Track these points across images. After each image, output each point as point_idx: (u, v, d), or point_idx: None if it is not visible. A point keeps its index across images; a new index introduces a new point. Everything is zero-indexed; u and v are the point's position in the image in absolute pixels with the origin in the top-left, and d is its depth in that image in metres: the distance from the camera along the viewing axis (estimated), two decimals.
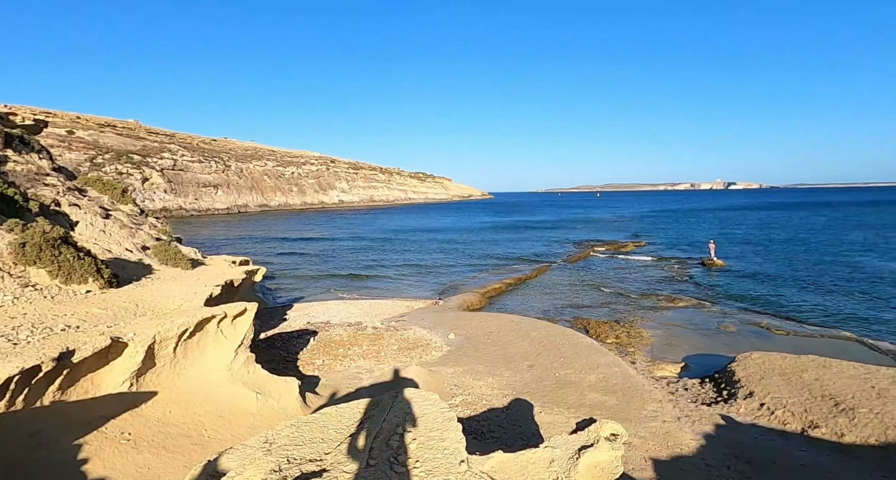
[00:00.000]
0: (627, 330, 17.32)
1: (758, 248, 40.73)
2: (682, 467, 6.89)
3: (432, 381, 9.64)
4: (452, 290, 25.04)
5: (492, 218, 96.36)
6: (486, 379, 10.64)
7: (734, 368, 11.73)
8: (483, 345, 13.60)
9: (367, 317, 17.10)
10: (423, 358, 11.97)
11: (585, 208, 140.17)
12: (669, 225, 70.46)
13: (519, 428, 7.94)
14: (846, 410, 8.90)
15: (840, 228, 58.12)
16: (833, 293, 23.31)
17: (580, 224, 75.16)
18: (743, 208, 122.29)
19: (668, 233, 56.65)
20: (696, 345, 15.79)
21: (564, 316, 19.80)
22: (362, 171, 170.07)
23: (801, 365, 11.31)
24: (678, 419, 8.86)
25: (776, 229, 59.10)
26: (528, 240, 51.52)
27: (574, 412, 8.90)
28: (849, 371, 10.84)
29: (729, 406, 10.10)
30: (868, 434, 8.10)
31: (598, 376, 11.06)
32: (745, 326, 17.98)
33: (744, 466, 7.03)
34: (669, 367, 13.83)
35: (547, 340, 13.92)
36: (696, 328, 17.82)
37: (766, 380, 10.76)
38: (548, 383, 10.61)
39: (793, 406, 9.42)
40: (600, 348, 13.65)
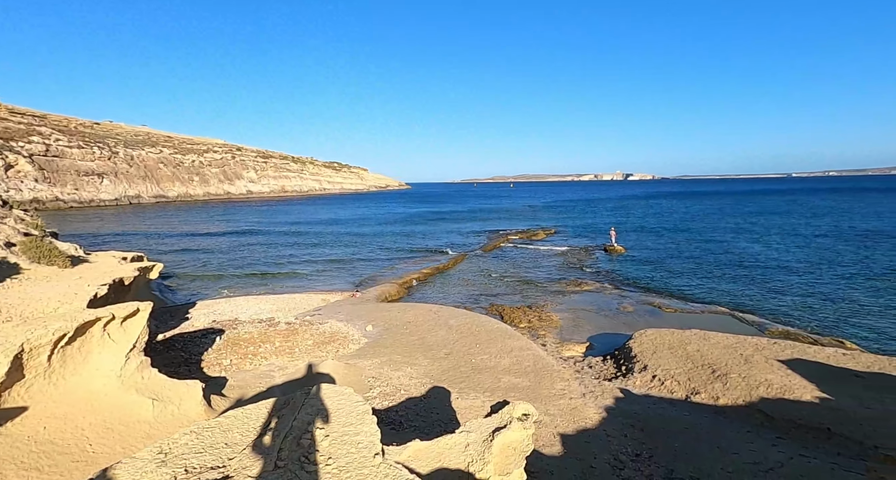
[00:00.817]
0: (538, 315, 18.25)
1: (651, 234, 44.79)
2: (586, 439, 7.42)
3: (350, 374, 9.46)
4: (370, 282, 24.73)
5: (410, 208, 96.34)
6: (405, 368, 10.66)
7: (631, 345, 12.83)
8: (401, 335, 13.60)
9: (280, 313, 16.36)
10: (341, 352, 11.70)
11: (500, 198, 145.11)
12: (576, 213, 75.13)
13: (437, 415, 8.06)
14: (721, 376, 10.11)
15: (718, 215, 65.69)
16: (711, 273, 26.31)
17: (495, 213, 77.64)
18: (639, 197, 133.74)
19: (575, 222, 60.38)
20: (600, 326, 17.04)
21: (480, 304, 20.39)
22: (272, 160, 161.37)
23: (686, 339, 12.66)
24: (583, 395, 9.52)
25: (667, 216, 65.36)
26: (446, 229, 52.28)
27: (490, 395, 9.21)
28: (723, 341, 12.33)
29: (627, 380, 11.04)
30: (737, 396, 9.28)
31: (512, 359, 11.54)
32: (641, 306, 19.71)
33: (638, 433, 7.73)
34: (576, 347, 14.81)
35: (464, 327, 14.24)
36: (599, 310, 19.22)
37: (658, 354, 11.89)
38: (465, 369, 10.87)
39: (679, 376, 10.53)
40: (514, 333, 14.23)
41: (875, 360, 10.81)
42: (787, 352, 11.37)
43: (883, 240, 35.54)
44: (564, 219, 65.53)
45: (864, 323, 16.95)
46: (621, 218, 64.47)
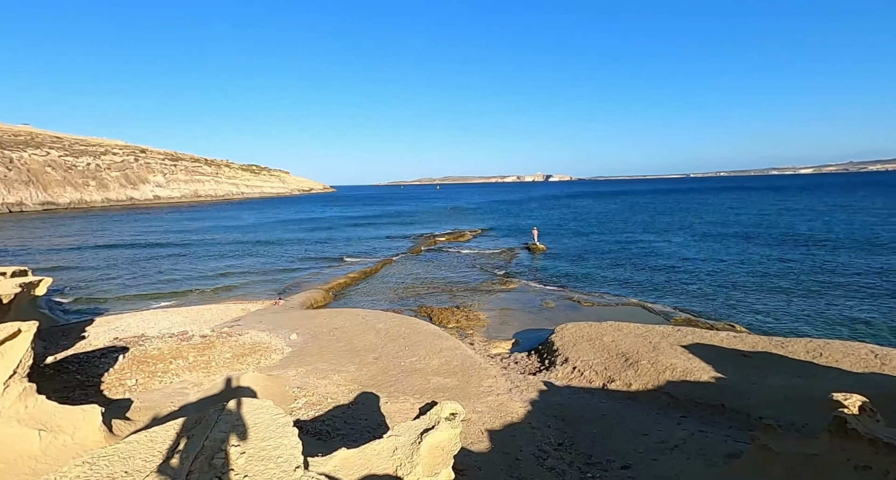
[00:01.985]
0: (466, 314, 18.58)
1: (570, 233, 47.25)
2: (513, 433, 7.67)
3: (272, 386, 9.05)
4: (294, 289, 23.82)
5: (335, 212, 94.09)
6: (332, 376, 10.38)
7: (553, 339, 13.45)
8: (328, 342, 13.24)
9: (194, 325, 15.28)
10: (262, 363, 11.16)
11: (427, 200, 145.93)
12: (500, 214, 77.43)
13: (365, 422, 7.94)
14: (633, 364, 10.90)
15: (628, 213, 70.83)
16: (624, 267, 28.27)
17: (422, 216, 77.97)
18: (559, 197, 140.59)
19: (500, 222, 62.21)
20: (524, 322, 17.68)
21: (409, 306, 20.38)
22: (183, 163, 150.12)
23: (602, 331, 13.50)
24: (510, 390, 9.82)
25: (584, 215, 69.28)
26: (373, 232, 51.68)
27: (419, 397, 9.23)
28: (635, 331, 13.29)
29: (550, 373, 11.56)
30: (647, 381, 10.06)
31: (441, 360, 11.64)
32: (561, 301, 20.71)
33: (560, 423, 8.13)
34: (503, 344, 15.26)
35: (393, 331, 14.15)
36: (524, 307, 19.94)
37: (578, 346, 12.58)
38: (394, 373, 10.80)
39: (596, 366, 11.20)
40: (442, 333, 14.38)
41: (759, 340, 12.18)
42: (689, 338, 12.49)
43: (763, 233, 40.18)
44: (489, 219, 67.28)
45: (750, 308, 19.04)
46: (543, 217, 67.37)
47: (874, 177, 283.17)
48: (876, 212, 54.31)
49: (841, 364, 10.03)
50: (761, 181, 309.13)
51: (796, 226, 44.62)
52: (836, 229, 41.04)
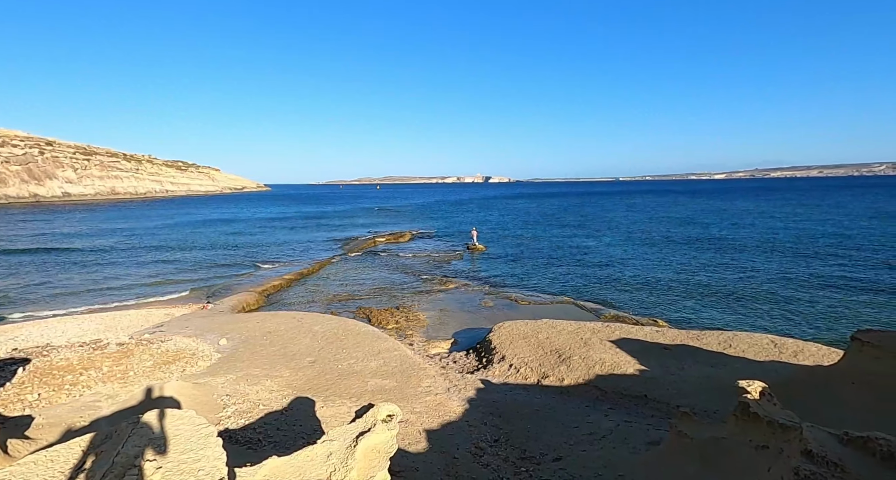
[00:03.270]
0: (406, 315, 18.52)
1: (509, 233, 48.43)
2: (450, 432, 7.74)
3: (199, 395, 8.54)
4: (224, 291, 22.64)
5: (269, 211, 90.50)
6: (264, 382, 9.97)
7: (491, 337, 13.72)
8: (261, 347, 12.70)
9: (110, 332, 14.12)
10: (188, 371, 10.50)
11: (366, 199, 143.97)
12: (440, 215, 77.89)
13: (300, 428, 7.70)
14: (565, 359, 11.36)
15: (563, 214, 73.72)
16: (558, 266, 29.38)
17: (362, 215, 76.83)
18: (498, 198, 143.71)
19: (440, 223, 62.58)
20: (463, 322, 17.89)
21: (348, 308, 20.00)
22: (98, 157, 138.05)
23: (537, 328, 13.95)
24: (448, 390, 9.91)
25: (522, 216, 71.27)
26: (310, 232, 50.24)
27: (356, 400, 9.08)
28: (567, 328, 13.86)
29: (487, 371, 11.78)
30: (578, 376, 10.52)
31: (380, 362, 11.53)
32: (500, 300, 21.17)
33: (496, 420, 8.31)
34: (442, 344, 15.35)
35: (330, 333, 13.83)
36: (463, 306, 20.19)
37: (514, 344, 12.91)
38: (331, 376, 10.56)
39: (531, 363, 11.56)
40: (381, 334, 14.24)
41: (678, 334, 13.12)
42: (617, 334, 13.21)
43: (682, 234, 43.28)
44: (430, 220, 67.49)
45: (672, 304, 20.44)
46: (482, 218, 68.55)
47: (775, 183, 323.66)
48: (777, 215, 60.15)
49: (746, 353, 11.02)
50: (681, 185, 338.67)
51: (710, 228, 48.47)
52: (742, 230, 45.01)
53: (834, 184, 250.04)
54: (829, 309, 19.01)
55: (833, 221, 51.21)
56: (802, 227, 46.27)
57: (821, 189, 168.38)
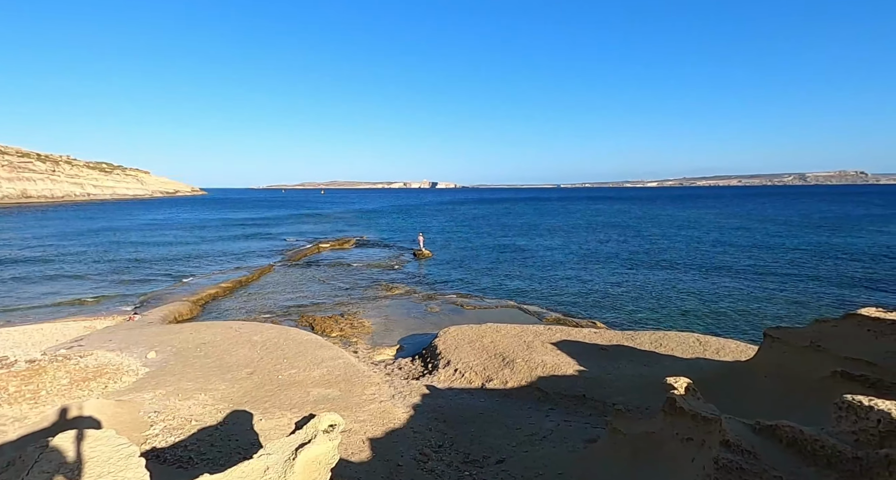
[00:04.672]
0: (351, 322, 18.20)
1: (455, 238, 48.86)
2: (394, 440, 7.67)
3: (122, 413, 7.94)
4: (155, 301, 21.26)
5: (204, 215, 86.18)
6: (198, 396, 9.44)
7: (436, 343, 13.75)
8: (194, 359, 12.02)
9: (19, 349, 12.86)
10: (110, 388, 9.75)
11: (310, 204, 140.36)
12: (387, 220, 77.32)
13: (236, 443, 7.35)
14: (509, 362, 11.59)
15: (508, 219, 75.37)
16: (503, 271, 29.98)
17: (305, 221, 74.79)
18: (444, 203, 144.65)
19: (386, 228, 62.11)
20: (409, 327, 17.83)
21: (290, 316, 19.38)
22: (5, 157, 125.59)
23: (482, 332, 14.15)
24: (393, 397, 9.82)
25: (468, 221, 72.13)
26: (249, 238, 48.27)
27: (297, 411, 8.80)
28: (511, 331, 14.15)
29: (433, 377, 11.78)
30: (521, 378, 10.77)
31: (323, 370, 11.24)
32: (446, 306, 21.28)
33: (441, 425, 8.33)
34: (387, 351, 15.20)
35: (270, 343, 13.33)
36: (409, 312, 20.12)
37: (459, 349, 13.01)
38: (270, 387, 10.17)
39: (476, 367, 11.70)
40: (325, 343, 13.90)
41: (615, 335, 13.76)
42: (558, 336, 13.65)
43: (618, 239, 45.50)
44: (375, 226, 66.80)
45: (609, 306, 21.39)
46: (429, 224, 68.74)
47: (701, 191, 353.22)
48: (701, 222, 64.62)
49: (675, 351, 11.73)
50: (618, 192, 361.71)
51: (643, 232, 51.31)
52: (671, 235, 47.99)
53: (751, 192, 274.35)
54: (748, 307, 20.61)
55: (749, 227, 55.71)
56: (723, 233, 49.98)
57: (740, 197, 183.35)
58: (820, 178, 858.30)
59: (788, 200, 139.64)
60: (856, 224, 57.60)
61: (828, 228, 52.67)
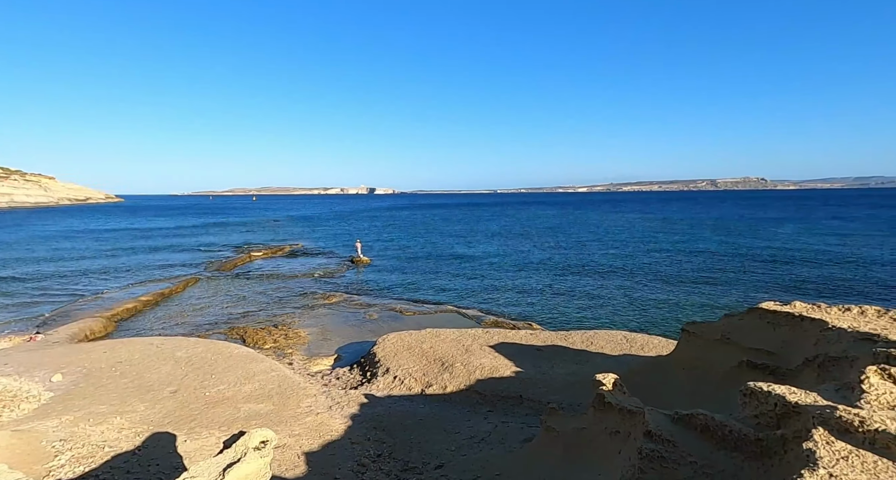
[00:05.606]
0: (285, 333, 17.52)
1: (393, 245, 48.52)
2: (331, 452, 7.45)
3: (19, 445, 7.11)
4: (61, 319, 19.33)
5: (120, 223, 79.85)
6: (112, 419, 8.66)
7: (375, 350, 13.56)
8: (109, 380, 11.03)
9: None
10: (5, 417, 8.71)
11: (241, 211, 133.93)
12: (323, 227, 75.36)
13: (157, 467, 6.82)
14: (448, 367, 11.66)
15: (446, 224, 76.02)
16: (442, 276, 30.16)
17: (236, 228, 71.17)
18: (382, 209, 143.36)
19: (322, 235, 60.53)
20: (347, 336, 17.45)
21: (219, 329, 18.35)
22: None
23: (422, 338, 14.13)
24: (330, 408, 9.55)
25: (406, 227, 71.91)
26: (172, 248, 45.16)
27: (227, 429, 8.32)
28: (450, 336, 14.25)
29: (371, 385, 11.60)
30: (460, 382, 10.86)
31: (255, 385, 10.73)
32: (385, 312, 21.05)
33: (381, 434, 8.21)
34: (324, 361, 14.78)
35: (196, 358, 12.52)
36: (347, 320, 19.70)
37: (399, 356, 12.91)
38: (196, 405, 9.55)
39: (416, 373, 11.66)
40: (257, 355, 13.27)
41: (549, 336, 14.24)
42: (496, 339, 13.91)
43: (552, 242, 47.29)
44: (311, 232, 64.89)
45: (544, 307, 22.12)
46: (367, 230, 67.80)
47: (627, 196, 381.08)
48: (626, 224, 68.70)
49: (605, 349, 12.35)
50: (551, 197, 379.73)
51: (574, 236, 53.67)
52: (600, 238, 50.59)
53: (670, 196, 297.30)
54: (670, 304, 22.11)
55: (668, 229, 59.94)
56: (646, 235, 53.39)
57: (661, 201, 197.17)
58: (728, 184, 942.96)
59: (702, 204, 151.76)
60: (757, 226, 63.64)
61: (734, 231, 57.74)
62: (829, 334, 5.84)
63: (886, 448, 2.70)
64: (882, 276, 27.36)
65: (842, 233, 51.77)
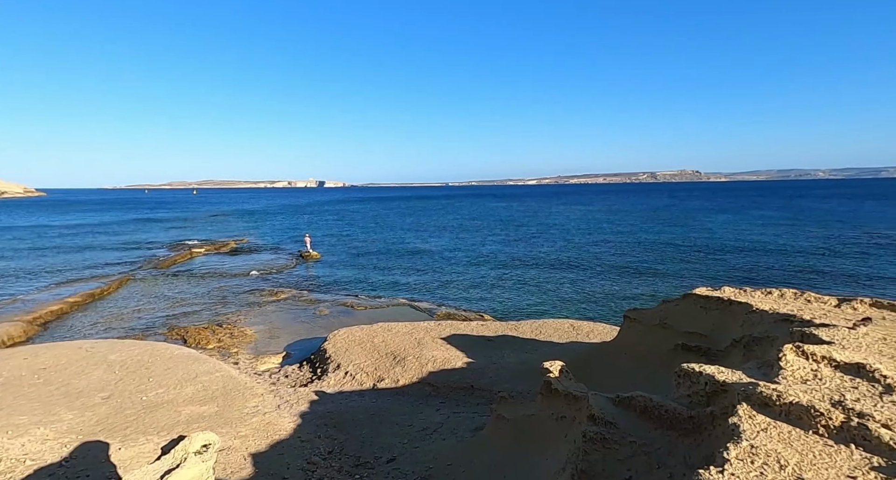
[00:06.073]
0: (231, 331, 16.85)
1: (344, 238, 47.71)
2: (280, 452, 7.26)
3: None
4: None
5: (41, 219, 73.82)
6: (35, 430, 8.02)
7: (326, 346, 13.31)
8: (30, 388, 10.20)
9: None
10: None
11: (181, 206, 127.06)
12: (270, 221, 72.80)
13: (87, 479, 6.39)
14: (400, 361, 11.63)
15: (397, 217, 75.58)
16: (394, 269, 30.00)
17: (175, 223, 67.45)
18: (333, 203, 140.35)
19: (270, 230, 58.52)
20: (297, 333, 17.01)
21: (157, 330, 17.39)
22: None
23: (374, 332, 14.01)
24: (278, 407, 9.29)
25: (358, 221, 70.72)
26: (103, 246, 42.21)
27: (166, 434, 7.91)
28: (403, 329, 14.21)
29: (322, 382, 11.39)
30: (413, 375, 10.87)
31: (197, 387, 10.26)
32: (335, 307, 20.68)
33: (331, 431, 8.08)
34: (272, 359, 14.35)
35: (131, 361, 11.80)
36: (296, 317, 19.20)
37: (350, 351, 12.74)
38: (132, 411, 9.01)
39: (367, 368, 11.55)
40: (199, 356, 12.68)
41: (500, 326, 14.51)
42: (448, 331, 14.01)
43: (503, 233, 48.10)
44: (258, 227, 62.54)
45: (495, 298, 22.51)
46: (317, 224, 66.20)
47: (573, 188, 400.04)
48: (573, 216, 70.98)
49: (552, 337, 12.73)
50: (502, 189, 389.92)
51: (523, 228, 54.86)
52: (548, 229, 52.02)
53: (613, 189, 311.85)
54: (615, 292, 23.10)
55: (612, 220, 62.48)
56: (592, 225, 55.39)
57: (605, 193, 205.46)
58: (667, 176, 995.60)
59: (643, 196, 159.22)
60: (693, 216, 67.59)
61: (673, 221, 61.00)
62: (753, 316, 6.29)
63: (799, 418, 2.94)
64: (798, 261, 29.84)
65: (765, 222, 55.90)
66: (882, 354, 4.04)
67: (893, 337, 4.47)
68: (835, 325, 4.99)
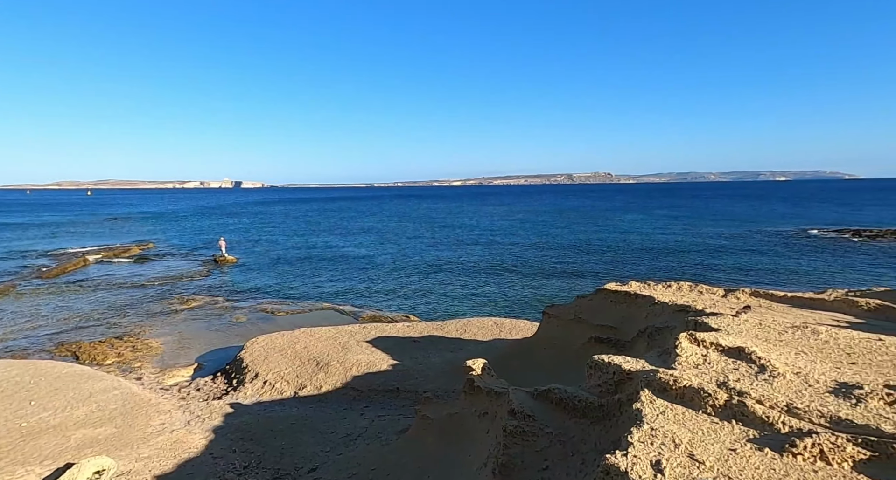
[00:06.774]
0: (133, 344, 15.40)
1: (263, 241, 45.44)
2: (189, 471, 6.73)
3: None
4: None
5: None
6: None
7: (242, 355, 12.57)
8: None
9: None
10: None
11: (72, 208, 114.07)
12: (181, 224, 67.58)
13: None
14: (323, 366, 11.27)
15: (318, 219, 73.36)
16: (316, 273, 29.05)
17: (64, 228, 60.38)
18: (250, 204, 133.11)
19: (178, 233, 54.32)
20: (210, 342, 15.90)
21: (42, 347, 15.46)
22: None
23: (295, 338, 13.45)
24: (188, 423, 8.62)
25: (277, 223, 67.63)
26: None
27: (51, 463, 7.03)
28: (326, 334, 13.78)
29: (238, 393, 10.74)
30: (336, 381, 10.58)
31: (91, 407, 9.24)
32: (254, 314, 19.61)
33: (248, 444, 7.64)
34: (182, 372, 13.30)
35: (8, 383, 10.37)
36: (210, 325, 17.97)
37: (269, 359, 12.12)
38: (9, 439, 7.92)
39: (288, 376, 11.07)
40: (94, 373, 11.45)
41: (426, 326, 14.55)
42: (373, 333, 13.80)
43: (428, 234, 48.39)
44: (165, 231, 57.71)
45: (421, 299, 22.55)
46: (232, 226, 62.47)
47: (497, 189, 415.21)
48: (496, 216, 73.18)
49: (477, 336, 12.99)
50: (427, 190, 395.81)
51: (447, 228, 55.62)
52: (471, 228, 53.18)
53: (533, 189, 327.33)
54: (536, 290, 24.06)
55: (532, 220, 65.21)
56: (514, 225, 57.41)
57: (526, 194, 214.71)
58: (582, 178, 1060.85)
59: (561, 196, 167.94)
60: (606, 215, 72.40)
61: (588, 220, 64.88)
62: (656, 308, 6.83)
63: (691, 400, 3.23)
64: (693, 256, 33.04)
65: (667, 222, 61.18)
66: (758, 338, 4.55)
67: (768, 323, 5.05)
68: (721, 313, 5.55)
